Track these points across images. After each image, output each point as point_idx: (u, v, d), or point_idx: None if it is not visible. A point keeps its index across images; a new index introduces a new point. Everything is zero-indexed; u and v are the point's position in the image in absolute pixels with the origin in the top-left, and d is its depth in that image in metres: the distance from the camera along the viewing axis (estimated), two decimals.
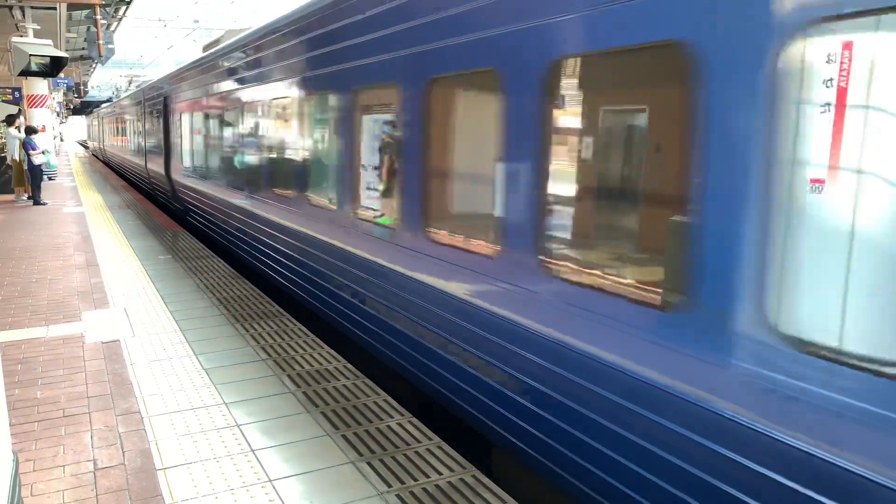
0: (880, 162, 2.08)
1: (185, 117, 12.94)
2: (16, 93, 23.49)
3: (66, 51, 22.06)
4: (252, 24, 9.62)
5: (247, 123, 8.78)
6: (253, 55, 8.30)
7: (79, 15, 19.23)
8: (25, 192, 17.07)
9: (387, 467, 3.79)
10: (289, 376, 5.12)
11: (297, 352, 5.70)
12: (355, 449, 3.99)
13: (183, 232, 12.23)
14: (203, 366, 5.34)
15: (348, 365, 5.39)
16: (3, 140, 19.17)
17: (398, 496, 3.50)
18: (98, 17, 18.17)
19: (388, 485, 3.61)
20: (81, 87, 42.64)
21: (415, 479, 3.67)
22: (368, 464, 3.82)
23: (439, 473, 3.74)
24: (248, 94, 8.61)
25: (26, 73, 16.12)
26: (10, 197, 17.58)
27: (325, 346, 5.87)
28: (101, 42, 18.71)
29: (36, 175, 16.27)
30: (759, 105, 2.38)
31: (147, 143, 18.18)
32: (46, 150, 18.31)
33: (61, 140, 56.57)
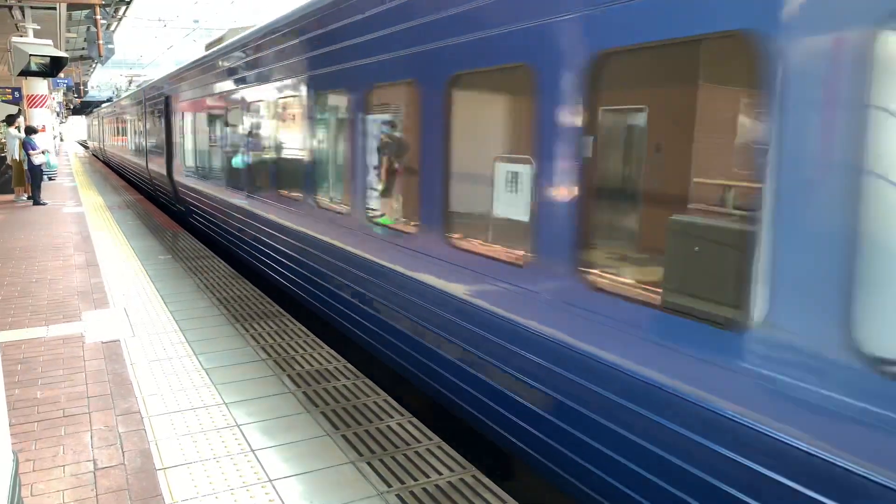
0: None
1: (187, 117, 12.67)
2: (16, 93, 23.48)
3: (66, 51, 22.06)
4: (254, 23, 9.46)
5: (252, 123, 8.55)
6: (259, 53, 8.06)
7: (79, 15, 19.23)
8: (25, 192, 17.07)
9: (387, 467, 3.79)
10: (289, 376, 5.12)
11: (297, 352, 5.70)
12: (355, 449, 3.99)
13: (183, 232, 12.22)
14: (203, 366, 5.34)
15: (348, 365, 5.39)
16: (3, 140, 19.16)
17: (398, 496, 3.50)
18: (98, 17, 18.18)
19: (388, 485, 3.61)
20: (81, 87, 42.64)
21: (415, 479, 3.67)
22: (368, 464, 3.82)
23: (439, 473, 3.74)
24: (253, 93, 8.38)
25: (26, 73, 16.12)
26: (10, 197, 17.58)
27: (325, 345, 5.87)
28: (101, 42, 18.72)
29: (36, 175, 16.27)
30: (846, 101, 2.15)
31: (148, 143, 17.98)
32: (46, 150, 18.31)
33: (61, 140, 56.57)
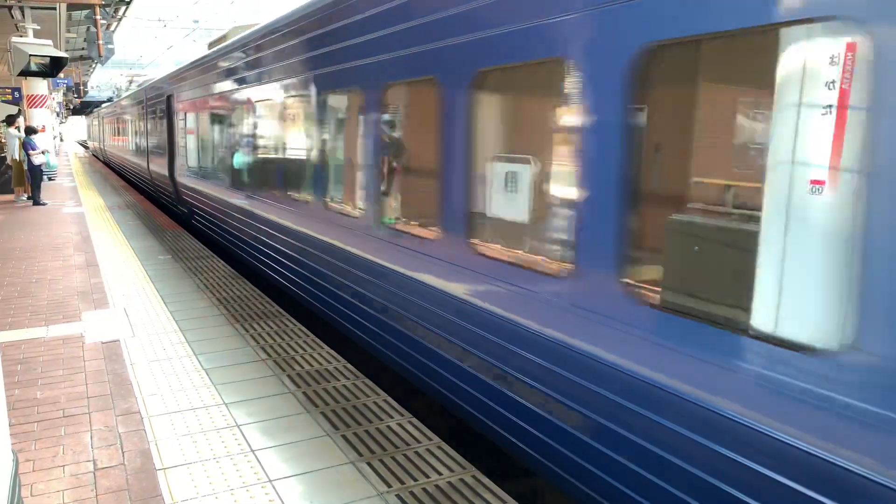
0: None
1: (189, 117, 12.38)
2: (15, 93, 23.48)
3: (66, 51, 22.06)
4: (257, 22, 9.26)
5: (258, 123, 8.33)
6: (265, 51, 7.83)
7: (79, 15, 19.24)
8: (25, 192, 17.07)
9: (387, 467, 3.79)
10: (289, 376, 5.12)
11: (296, 352, 5.69)
12: (355, 449, 3.99)
13: (183, 232, 12.22)
14: (203, 366, 5.34)
15: (348, 365, 5.39)
16: (4, 140, 19.16)
17: (398, 496, 3.50)
18: (98, 18, 18.19)
19: (388, 485, 3.61)
20: (81, 88, 42.62)
21: (415, 480, 3.67)
22: (368, 464, 3.82)
23: (439, 473, 3.74)
24: (258, 92, 8.15)
25: (26, 73, 16.13)
26: (10, 197, 17.58)
27: (324, 346, 5.87)
28: (100, 42, 18.74)
29: (36, 175, 16.27)
30: None
31: (149, 143, 17.79)
32: (46, 151, 18.31)
33: (61, 140, 56.57)
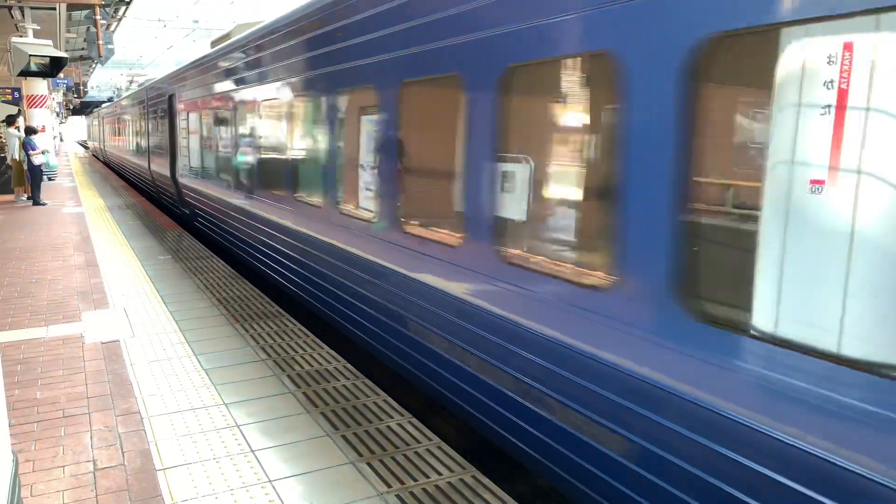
0: None
1: (192, 117, 12.07)
2: (15, 93, 23.48)
3: (66, 51, 22.08)
4: (260, 20, 9.01)
5: (265, 124, 8.09)
6: (273, 48, 7.55)
7: (78, 15, 19.26)
8: (25, 192, 17.07)
9: (386, 468, 3.79)
10: (289, 376, 5.12)
11: (296, 352, 5.69)
12: (355, 449, 3.99)
13: (183, 232, 12.22)
14: (203, 366, 5.34)
15: (348, 365, 5.39)
16: (4, 140, 19.17)
17: (398, 496, 3.50)
18: (98, 18, 18.21)
19: (388, 485, 3.61)
20: (81, 88, 42.63)
21: (415, 480, 3.67)
22: (368, 464, 3.82)
23: (439, 474, 3.74)
24: (265, 91, 7.87)
25: (26, 73, 16.14)
26: (10, 197, 17.58)
27: (324, 346, 5.87)
28: (100, 42, 18.75)
29: (36, 175, 16.27)
30: None
31: (150, 143, 17.61)
32: (46, 151, 18.31)
33: (61, 140, 56.57)
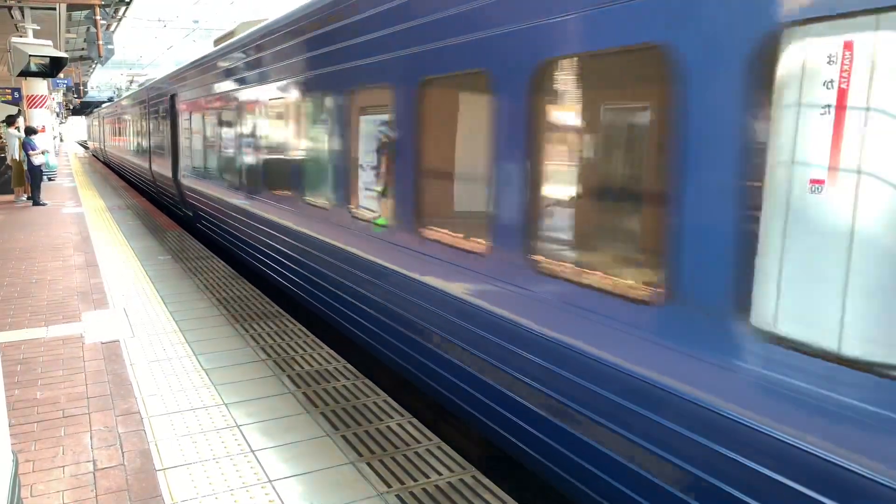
0: None
1: (195, 116, 11.77)
2: (15, 93, 23.50)
3: (66, 51, 22.08)
4: (266, 17, 8.72)
5: (273, 123, 7.80)
6: (281, 44, 7.28)
7: (78, 15, 19.26)
8: (25, 192, 17.07)
9: (386, 468, 3.79)
10: (288, 377, 5.12)
11: (296, 352, 5.70)
12: (355, 449, 3.99)
13: (183, 233, 12.22)
14: (203, 366, 5.34)
15: (348, 365, 5.39)
16: (3, 140, 19.17)
17: (398, 496, 3.50)
18: (98, 18, 18.21)
19: (388, 485, 3.61)
20: (81, 88, 42.64)
21: (414, 480, 3.67)
22: (368, 464, 3.82)
23: (439, 474, 3.74)
24: (274, 89, 7.58)
25: (26, 73, 16.14)
26: (10, 197, 17.58)
27: (324, 346, 5.87)
28: (100, 42, 18.75)
29: (35, 175, 16.27)
30: None
31: (152, 144, 17.39)
32: (46, 151, 18.31)
33: (61, 140, 56.57)
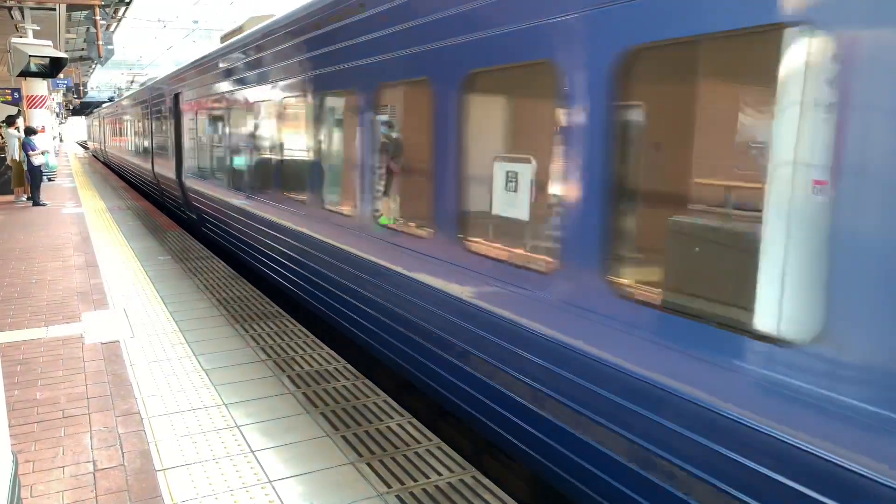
0: None
1: (202, 116, 11.37)
2: (15, 93, 23.47)
3: (66, 51, 22.07)
4: (273, 13, 8.35)
5: (284, 122, 7.50)
6: (296, 39, 6.92)
7: (78, 16, 19.26)
8: (25, 192, 17.08)
9: (386, 468, 3.79)
10: (288, 377, 5.12)
11: (296, 352, 5.69)
12: (355, 450, 3.99)
13: (183, 233, 12.22)
14: (203, 366, 5.34)
15: (348, 365, 5.39)
16: (3, 141, 19.18)
17: (398, 497, 3.50)
18: (97, 18, 18.20)
19: (388, 485, 3.61)
20: (81, 88, 42.63)
21: (414, 480, 3.67)
22: (368, 465, 3.82)
23: (439, 474, 3.74)
24: (287, 87, 7.22)
25: (26, 73, 16.12)
26: (10, 198, 17.59)
27: (324, 346, 5.87)
28: (100, 43, 18.75)
29: (35, 176, 16.29)
30: None
31: (154, 144, 17.10)
32: (46, 151, 18.31)
33: (60, 141, 56.55)
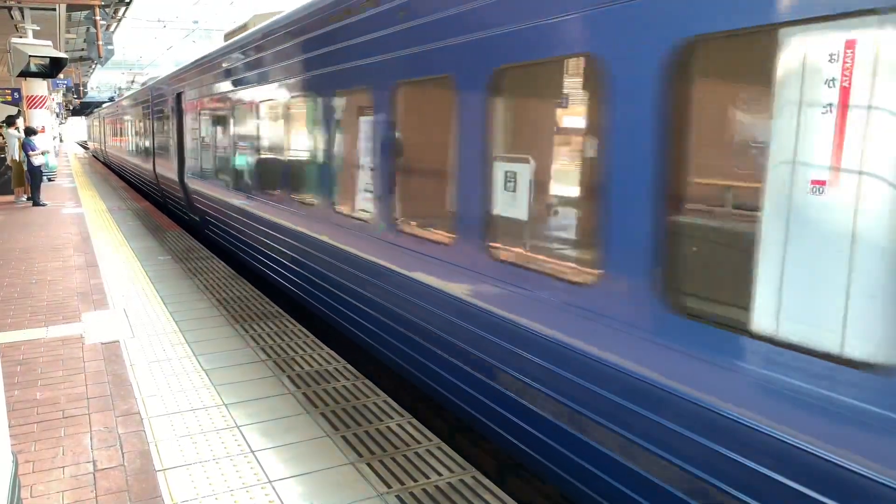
0: None
1: (205, 116, 11.19)
2: (15, 94, 23.47)
3: (66, 52, 22.08)
4: (281, 10, 8.08)
5: (292, 122, 7.30)
6: (302, 36, 6.73)
7: (78, 16, 19.24)
8: (25, 192, 17.08)
9: (386, 468, 3.79)
10: (288, 377, 5.12)
11: (296, 352, 5.69)
12: (355, 450, 3.99)
13: (182, 233, 12.22)
14: (203, 367, 5.33)
15: (348, 366, 5.39)
16: (3, 141, 19.18)
17: (398, 497, 3.50)
18: (97, 18, 18.17)
19: (388, 486, 3.61)
20: (81, 88, 42.64)
21: (414, 480, 3.67)
22: (368, 465, 3.82)
23: (439, 474, 3.74)
24: (297, 85, 6.98)
25: (26, 73, 16.11)
26: (10, 198, 17.59)
27: (324, 346, 5.87)
28: (100, 43, 18.72)
29: (35, 176, 16.29)
30: None
31: (156, 144, 16.96)
32: (46, 151, 18.31)
33: (60, 141, 56.52)
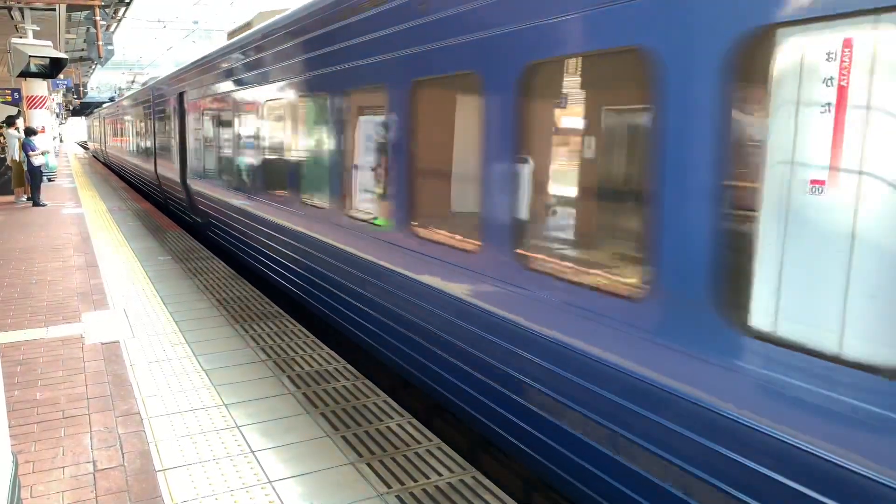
0: None
1: (208, 116, 11.00)
2: (15, 94, 23.47)
3: (66, 52, 22.08)
4: (287, 7, 7.86)
5: (301, 121, 7.10)
6: (310, 34, 6.50)
7: (78, 16, 19.25)
8: (25, 193, 17.09)
9: (386, 468, 3.79)
10: (288, 377, 5.12)
11: (296, 353, 5.69)
12: (355, 450, 3.99)
13: (182, 233, 12.22)
14: (203, 367, 5.34)
15: (348, 366, 5.39)
16: (3, 141, 19.19)
17: (398, 497, 3.50)
18: (97, 19, 18.17)
19: (388, 486, 3.61)
20: (81, 88, 42.66)
21: (414, 481, 3.67)
22: (368, 465, 3.82)
23: (439, 474, 3.74)
24: (306, 83, 6.78)
25: (26, 74, 16.11)
26: (10, 198, 17.60)
27: (324, 346, 5.87)
28: (100, 43, 18.72)
29: (35, 176, 16.30)
30: None
31: (157, 145, 16.79)
32: (46, 151, 18.31)
33: (60, 141, 56.53)
